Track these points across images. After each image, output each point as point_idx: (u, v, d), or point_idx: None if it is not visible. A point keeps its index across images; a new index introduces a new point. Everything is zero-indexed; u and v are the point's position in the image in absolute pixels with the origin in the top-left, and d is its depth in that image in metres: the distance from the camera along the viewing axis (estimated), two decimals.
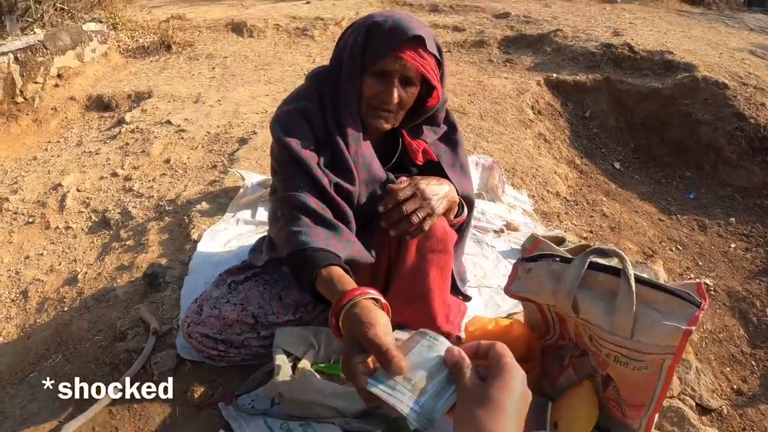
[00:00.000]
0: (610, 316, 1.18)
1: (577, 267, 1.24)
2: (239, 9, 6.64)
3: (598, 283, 1.24)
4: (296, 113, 1.39)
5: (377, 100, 1.35)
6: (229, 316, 1.46)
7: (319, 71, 1.46)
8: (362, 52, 1.33)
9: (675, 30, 5.66)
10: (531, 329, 1.48)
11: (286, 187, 1.32)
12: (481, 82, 4.27)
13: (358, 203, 1.42)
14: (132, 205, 2.67)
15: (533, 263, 1.35)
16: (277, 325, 1.52)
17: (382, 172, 1.44)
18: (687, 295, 1.15)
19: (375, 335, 0.83)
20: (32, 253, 2.52)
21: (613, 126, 4.22)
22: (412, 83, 1.35)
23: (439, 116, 1.51)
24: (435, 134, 1.53)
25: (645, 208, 3.47)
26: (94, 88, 4.27)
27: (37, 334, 1.98)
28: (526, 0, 6.73)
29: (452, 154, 1.54)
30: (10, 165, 3.41)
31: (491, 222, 2.44)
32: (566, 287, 1.24)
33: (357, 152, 1.39)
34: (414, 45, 1.29)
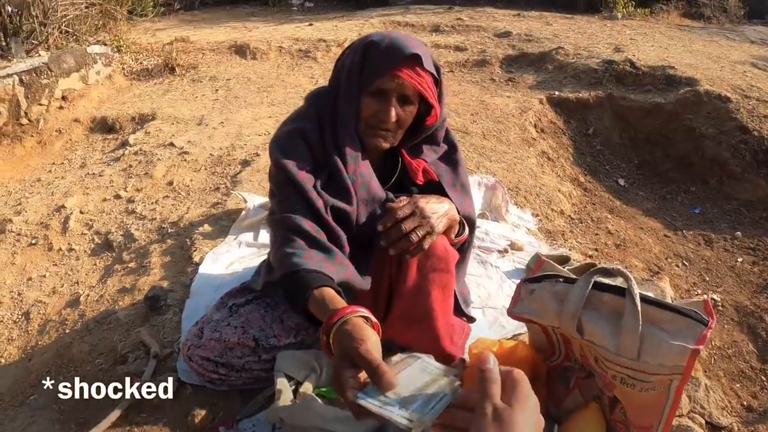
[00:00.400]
0: (616, 337, 1.16)
1: (581, 287, 1.22)
2: (242, 31, 6.71)
3: (603, 303, 1.22)
4: (295, 134, 1.39)
5: (375, 119, 1.35)
6: (230, 339, 1.45)
7: (319, 92, 1.47)
8: (359, 71, 1.34)
9: (676, 45, 5.67)
10: (536, 351, 1.46)
11: (282, 209, 1.33)
12: (483, 101, 4.27)
13: (357, 223, 1.41)
14: (135, 227, 2.67)
15: (536, 284, 1.34)
16: (278, 348, 1.50)
17: (381, 192, 1.44)
18: (694, 314, 1.14)
19: (366, 351, 0.85)
20: (35, 274, 2.51)
21: (617, 142, 4.21)
22: (410, 102, 1.35)
23: (438, 135, 1.50)
24: (435, 153, 1.52)
25: (650, 225, 3.45)
26: (99, 110, 4.30)
27: (39, 356, 1.97)
28: (527, 18, 6.76)
29: (453, 174, 1.53)
30: (14, 186, 3.42)
31: (495, 242, 2.42)
32: (570, 308, 1.22)
33: (356, 172, 1.39)
34: (411, 63, 1.29)
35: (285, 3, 8.46)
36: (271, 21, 7.37)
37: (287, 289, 1.23)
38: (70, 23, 4.63)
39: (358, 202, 1.40)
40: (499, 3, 7.90)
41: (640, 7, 7.48)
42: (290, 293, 1.20)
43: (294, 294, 1.16)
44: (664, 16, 7.65)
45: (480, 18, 6.65)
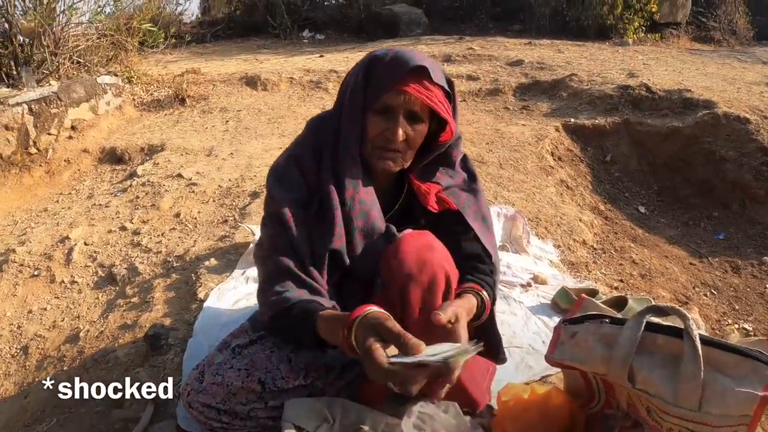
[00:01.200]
0: (674, 385, 1.02)
1: (633, 329, 1.09)
2: (253, 63, 6.71)
3: (657, 347, 1.08)
4: (290, 161, 1.32)
5: (382, 139, 1.25)
6: (233, 383, 1.30)
7: (321, 116, 1.38)
8: (363, 89, 1.25)
9: (690, 68, 5.64)
10: (572, 396, 1.31)
11: (271, 245, 1.30)
12: (498, 130, 4.19)
13: (353, 254, 1.31)
14: (139, 260, 2.58)
15: (578, 326, 1.20)
16: (286, 392, 1.35)
17: (381, 223, 1.34)
18: (759, 355, 1.00)
19: (393, 325, 0.94)
20: (36, 307, 2.43)
21: (635, 169, 4.12)
22: (419, 119, 1.25)
23: (453, 155, 1.39)
24: (451, 179, 1.41)
25: (675, 253, 3.34)
26: (108, 140, 4.25)
27: (35, 394, 1.87)
28: (539, 47, 6.73)
29: (475, 205, 1.41)
30: (21, 216, 3.37)
31: (517, 275, 2.29)
32: (621, 354, 1.08)
33: (354, 197, 1.29)
34: (418, 77, 1.20)
35: (296, 36, 8.50)
36: (282, 53, 7.39)
37: (286, 326, 1.20)
38: (81, 54, 4.63)
39: (353, 231, 1.29)
40: (510, 33, 7.92)
41: (651, 33, 7.54)
42: (292, 328, 1.17)
43: (297, 325, 1.14)
44: (675, 40, 7.69)
45: (491, 47, 6.63)
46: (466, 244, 1.38)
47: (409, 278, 1.19)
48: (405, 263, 1.20)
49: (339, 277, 1.35)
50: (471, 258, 1.36)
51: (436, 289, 1.20)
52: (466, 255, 1.35)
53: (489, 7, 8.78)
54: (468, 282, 1.29)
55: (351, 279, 1.32)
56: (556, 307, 2.07)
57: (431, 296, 1.19)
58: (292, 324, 1.16)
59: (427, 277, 1.19)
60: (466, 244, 1.37)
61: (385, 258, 1.25)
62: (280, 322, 1.20)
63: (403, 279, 1.19)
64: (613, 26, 7.45)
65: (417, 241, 1.24)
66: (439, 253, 1.23)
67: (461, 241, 1.37)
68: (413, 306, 1.19)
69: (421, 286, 1.19)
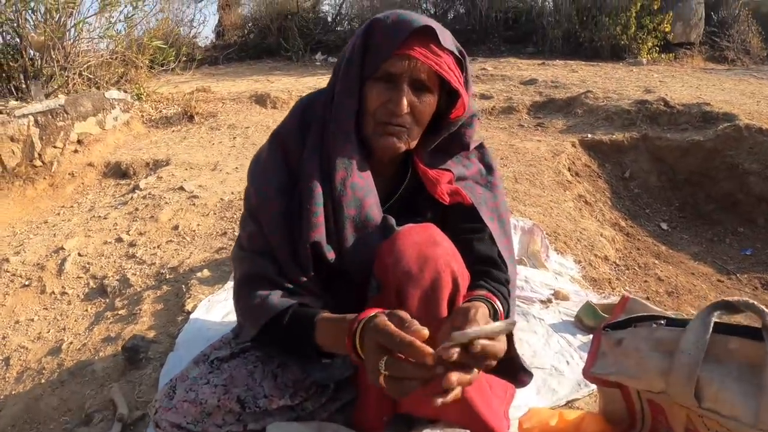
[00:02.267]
0: (754, 401, 0.82)
1: (698, 332, 0.87)
2: (264, 83, 6.69)
3: (729, 353, 0.87)
4: (273, 143, 1.17)
5: (384, 112, 1.08)
6: (208, 400, 1.14)
7: (313, 93, 1.24)
8: (362, 56, 1.09)
9: (706, 84, 5.55)
10: (609, 423, 1.11)
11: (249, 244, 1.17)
12: (513, 146, 4.10)
13: (341, 247, 1.13)
14: (132, 272, 2.49)
15: (624, 331, 0.99)
16: (269, 414, 1.19)
17: (377, 213, 1.15)
18: None
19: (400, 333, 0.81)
20: (23, 317, 2.35)
21: (656, 185, 3.99)
22: (427, 88, 1.08)
23: (467, 135, 1.21)
24: (465, 168, 1.23)
25: (701, 270, 3.20)
26: (113, 155, 4.20)
27: (9, 408, 1.76)
28: (552, 67, 6.67)
29: (492, 202, 1.23)
30: (21, 228, 3.31)
31: (536, 291, 2.13)
32: (685, 363, 0.87)
33: (345, 181, 1.11)
34: (424, 39, 1.03)
35: (308, 58, 8.52)
36: (294, 74, 7.38)
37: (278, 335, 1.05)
38: (92, 70, 4.62)
39: (343, 220, 1.12)
40: (523, 54, 7.87)
41: (664, 53, 7.50)
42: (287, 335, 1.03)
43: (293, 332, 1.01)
44: (688, 60, 7.63)
45: (504, 68, 6.57)
46: (479, 245, 1.19)
47: (408, 278, 1.01)
48: (403, 260, 1.02)
49: (326, 274, 1.17)
50: (484, 261, 1.18)
51: (440, 292, 1.01)
52: (478, 257, 1.17)
53: (502, 30, 8.75)
54: (478, 289, 1.10)
55: (341, 278, 1.16)
56: (580, 324, 1.91)
57: (434, 300, 1.01)
58: (286, 333, 1.02)
59: (430, 276, 1.01)
60: (478, 245, 1.19)
61: (380, 254, 1.09)
62: (271, 332, 1.06)
63: (400, 279, 1.02)
64: (627, 46, 7.41)
65: (418, 234, 1.07)
66: (445, 250, 1.05)
67: (473, 241, 1.19)
68: (411, 311, 0.98)
69: (421, 288, 1.01)
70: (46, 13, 4.23)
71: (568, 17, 7.93)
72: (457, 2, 9.32)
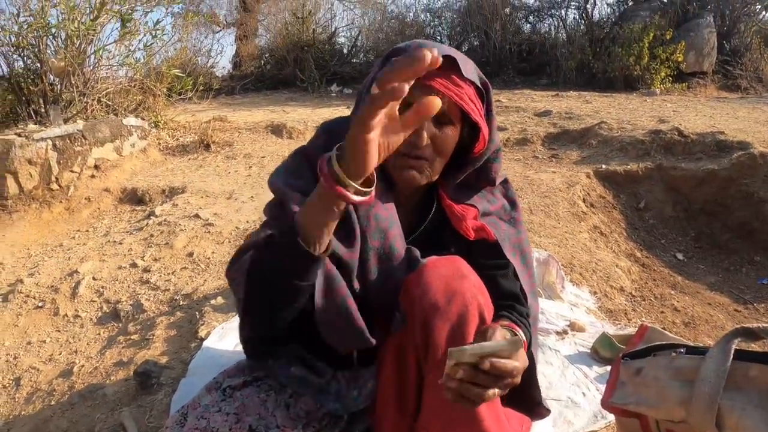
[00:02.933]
0: None
1: (718, 359, 0.87)
2: (280, 114, 6.78)
3: (750, 380, 0.85)
4: (298, 156, 1.15)
5: (404, 143, 1.02)
6: (219, 429, 1.10)
7: (337, 118, 1.23)
8: None
9: (720, 113, 5.54)
10: None
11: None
12: (527, 177, 4.10)
13: (366, 280, 1.10)
14: (146, 297, 2.50)
15: (644, 360, 0.98)
16: None
17: (401, 245, 1.12)
18: None
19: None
20: (35, 339, 2.36)
21: (671, 215, 3.97)
22: (449, 121, 1.06)
23: (492, 170, 1.18)
24: (489, 203, 1.21)
25: (717, 300, 3.15)
26: (130, 181, 4.26)
27: (18, 429, 1.76)
28: (566, 98, 6.71)
29: (515, 238, 1.21)
30: (36, 250, 3.34)
31: (552, 322, 2.12)
32: (705, 391, 0.86)
33: (368, 213, 1.08)
34: (445, 70, 1.00)
35: (324, 89, 8.64)
36: (310, 105, 7.48)
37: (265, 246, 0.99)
38: (110, 96, 4.70)
39: (367, 251, 1.09)
40: (537, 85, 7.95)
41: (677, 83, 7.56)
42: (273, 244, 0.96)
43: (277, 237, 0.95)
44: (702, 89, 7.66)
45: (518, 99, 6.63)
46: (503, 281, 1.18)
47: (435, 310, 0.99)
48: (430, 292, 1.00)
49: None
50: (507, 297, 1.17)
51: (468, 326, 0.99)
52: (502, 293, 1.16)
53: (516, 62, 8.85)
54: (501, 319, 1.09)
55: (364, 312, 1.10)
56: (596, 355, 1.89)
57: (461, 334, 0.98)
58: (273, 241, 0.97)
59: (457, 310, 0.98)
60: (502, 281, 1.18)
61: (406, 286, 1.06)
62: (259, 253, 1.00)
63: (427, 311, 1.00)
64: (640, 77, 7.48)
65: (445, 267, 1.05)
66: (472, 283, 1.03)
67: (497, 277, 1.17)
68: (438, 345, 0.98)
69: (449, 321, 0.98)
70: (67, 40, 4.31)
71: (582, 48, 8.03)
72: (472, 34, 9.45)
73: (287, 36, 9.53)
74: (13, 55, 4.35)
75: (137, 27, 4.66)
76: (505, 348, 0.85)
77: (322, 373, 1.22)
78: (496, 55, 8.81)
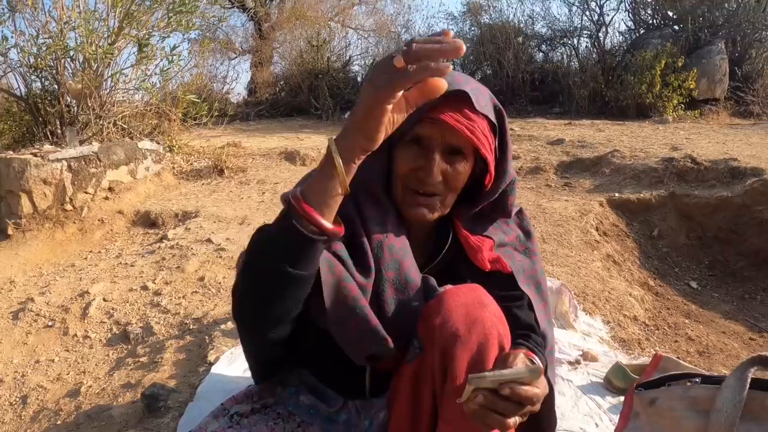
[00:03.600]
0: None
1: (734, 389, 0.85)
2: (294, 140, 6.85)
3: (767, 410, 0.84)
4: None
5: (414, 179, 1.04)
6: None
7: None
8: None
9: (733, 140, 5.52)
10: None
11: None
12: (540, 206, 4.09)
13: (383, 311, 1.06)
14: (156, 320, 2.50)
15: (658, 390, 0.96)
16: None
17: (415, 275, 1.09)
18: None
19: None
20: (44, 357, 2.37)
21: (684, 243, 3.93)
22: (461, 155, 1.04)
23: (508, 202, 1.16)
24: (505, 235, 1.19)
25: (732, 328, 3.10)
26: (143, 204, 4.29)
27: None
28: (579, 127, 6.72)
29: (530, 270, 1.20)
30: (48, 269, 3.37)
31: (565, 352, 2.09)
32: (721, 421, 0.84)
33: (382, 244, 1.06)
34: (457, 103, 0.99)
35: (338, 117, 8.72)
36: (323, 132, 7.55)
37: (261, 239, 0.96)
38: (126, 119, 4.77)
39: (382, 282, 1.06)
40: (550, 114, 7.98)
41: (690, 110, 7.52)
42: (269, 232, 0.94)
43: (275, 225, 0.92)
44: (714, 116, 7.60)
45: (531, 128, 6.65)
46: (519, 312, 1.17)
47: (455, 339, 0.96)
48: (450, 320, 0.97)
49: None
50: (524, 328, 1.16)
51: (488, 354, 0.97)
52: (518, 325, 1.14)
53: (528, 91, 8.90)
54: (518, 347, 1.06)
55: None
56: (609, 385, 1.86)
57: (481, 362, 0.96)
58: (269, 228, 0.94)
59: (477, 338, 0.96)
60: (518, 312, 1.16)
61: (425, 313, 1.03)
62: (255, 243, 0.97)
63: (447, 340, 0.97)
64: (653, 105, 7.46)
65: (465, 295, 1.02)
66: (492, 312, 1.01)
67: (513, 309, 1.16)
68: (458, 373, 0.95)
69: (469, 350, 0.96)
70: (85, 62, 4.39)
71: (594, 77, 8.05)
72: (485, 63, 9.54)
73: (302, 64, 9.67)
74: (31, 76, 4.44)
75: (154, 52, 4.74)
76: (525, 375, 0.86)
77: (333, 402, 1.20)
78: (509, 84, 8.87)
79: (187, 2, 4.55)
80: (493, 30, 9.26)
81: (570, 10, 9.53)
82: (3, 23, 4.19)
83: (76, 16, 4.30)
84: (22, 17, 4.29)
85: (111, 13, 4.44)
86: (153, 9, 4.55)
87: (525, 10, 11.50)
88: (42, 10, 4.31)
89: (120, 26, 4.45)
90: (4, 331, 2.56)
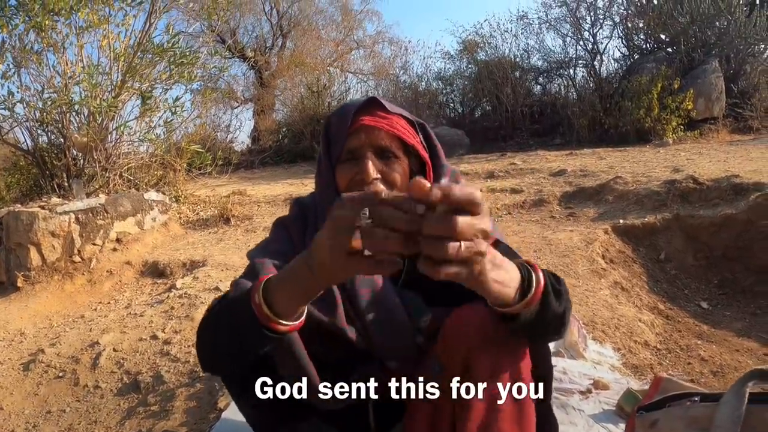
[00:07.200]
0: None
1: (733, 404, 0.85)
2: (299, 186, 6.92)
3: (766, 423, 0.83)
4: (279, 226, 1.23)
5: (355, 185, 1.09)
6: None
7: (308, 194, 1.31)
8: (327, 149, 1.15)
9: (734, 156, 5.52)
10: None
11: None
12: (545, 238, 4.08)
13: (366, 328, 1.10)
14: (166, 369, 2.49)
15: (659, 412, 0.97)
16: None
17: (390, 289, 1.14)
18: None
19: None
20: (55, 408, 2.36)
21: (692, 264, 3.87)
22: (392, 153, 1.10)
23: None
24: None
25: (746, 345, 3.02)
26: (151, 254, 4.32)
27: None
28: (580, 156, 6.74)
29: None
30: (58, 321, 3.38)
31: (575, 381, 2.05)
32: None
33: None
34: (370, 110, 1.10)
35: None
36: None
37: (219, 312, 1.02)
38: (132, 171, 4.84)
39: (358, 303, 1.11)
40: (551, 146, 8.02)
41: (689, 130, 7.54)
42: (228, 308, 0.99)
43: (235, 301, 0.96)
44: (714, 135, 7.61)
45: (533, 161, 6.68)
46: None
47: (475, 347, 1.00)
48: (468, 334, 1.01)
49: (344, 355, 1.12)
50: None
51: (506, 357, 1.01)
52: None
53: (528, 124, 8.99)
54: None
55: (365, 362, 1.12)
56: (622, 412, 1.81)
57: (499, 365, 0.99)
58: (229, 304, 0.99)
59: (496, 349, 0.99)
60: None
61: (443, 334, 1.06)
62: (212, 315, 1.03)
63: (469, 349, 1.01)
64: (652, 128, 7.50)
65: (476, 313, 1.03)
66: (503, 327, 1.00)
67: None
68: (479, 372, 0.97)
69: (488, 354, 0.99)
70: (90, 116, 4.49)
71: (592, 105, 8.13)
72: (483, 100, 9.67)
73: (303, 110, 9.84)
74: (37, 130, 4.54)
75: (157, 104, 4.84)
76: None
77: None
78: (508, 119, 8.98)
79: (188, 54, 4.66)
80: (490, 66, 9.41)
81: (564, 41, 9.72)
82: (9, 79, 4.29)
83: (80, 71, 4.41)
84: (28, 72, 4.41)
85: (114, 66, 4.55)
86: (155, 62, 4.66)
87: (520, 45, 11.69)
88: (47, 65, 4.42)
89: (123, 79, 4.55)
90: (15, 383, 2.56)
